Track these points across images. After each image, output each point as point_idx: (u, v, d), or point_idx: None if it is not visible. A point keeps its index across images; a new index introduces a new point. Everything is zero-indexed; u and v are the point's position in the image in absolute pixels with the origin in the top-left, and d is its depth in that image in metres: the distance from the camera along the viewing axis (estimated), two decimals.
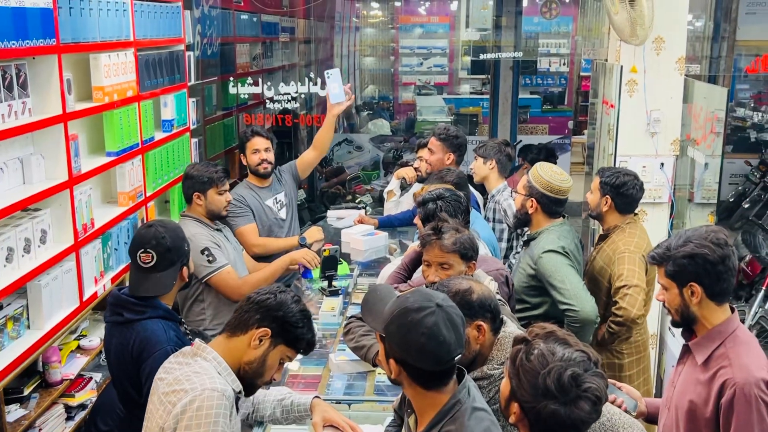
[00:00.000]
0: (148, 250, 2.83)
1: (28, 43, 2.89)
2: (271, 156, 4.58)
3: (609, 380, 2.32)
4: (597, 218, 3.91)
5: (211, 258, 3.78)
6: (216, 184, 3.92)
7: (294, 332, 2.34)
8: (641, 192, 3.80)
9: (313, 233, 4.64)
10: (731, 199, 8.63)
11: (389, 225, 5.13)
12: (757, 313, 5.74)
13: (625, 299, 3.55)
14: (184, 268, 2.95)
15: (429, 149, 4.68)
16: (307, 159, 4.97)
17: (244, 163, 4.60)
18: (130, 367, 2.81)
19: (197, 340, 2.38)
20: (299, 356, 2.56)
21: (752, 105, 10.78)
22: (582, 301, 3.37)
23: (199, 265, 3.71)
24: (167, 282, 2.87)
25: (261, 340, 2.31)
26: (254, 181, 4.60)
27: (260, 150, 4.52)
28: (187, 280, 3.01)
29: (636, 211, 3.88)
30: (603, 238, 3.86)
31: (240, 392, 2.32)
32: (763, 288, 5.83)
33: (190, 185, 3.94)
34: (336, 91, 4.76)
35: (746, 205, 8.61)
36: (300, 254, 4.20)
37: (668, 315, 2.53)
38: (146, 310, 2.83)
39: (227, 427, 2.20)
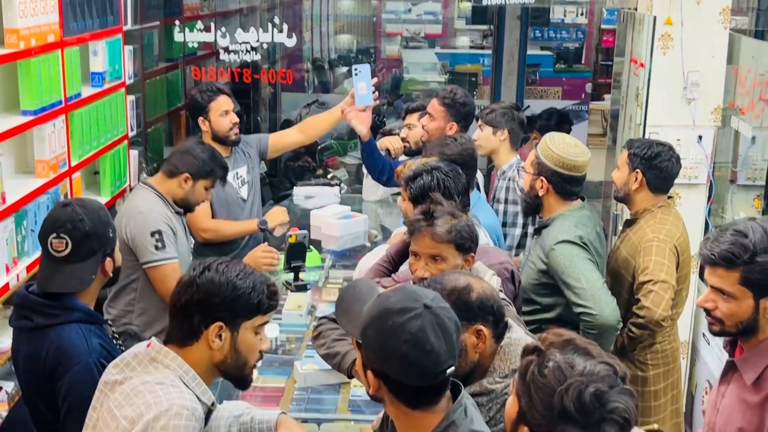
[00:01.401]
0: (62, 235, 2.73)
1: None
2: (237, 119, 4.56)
3: None
4: (624, 200, 3.92)
5: (160, 244, 3.74)
6: (214, 178, 3.95)
7: (246, 305, 2.31)
8: (678, 166, 3.83)
9: (276, 215, 4.61)
10: None
11: (372, 155, 4.79)
12: None
13: (649, 297, 3.59)
14: (108, 259, 2.85)
15: (429, 114, 4.59)
16: (288, 141, 4.97)
17: (204, 128, 4.53)
18: (42, 382, 2.74)
19: (153, 340, 2.33)
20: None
21: None
22: (600, 304, 3.39)
23: (144, 247, 3.67)
24: (84, 276, 2.80)
25: (221, 336, 2.28)
26: (208, 141, 4.51)
27: (230, 111, 4.49)
28: (110, 275, 2.91)
29: (670, 194, 3.89)
30: (629, 224, 3.88)
31: (213, 404, 2.30)
32: None
33: (188, 164, 3.88)
34: (364, 92, 4.73)
35: None
36: (257, 260, 4.13)
37: (714, 326, 2.50)
38: (60, 313, 2.76)
39: None
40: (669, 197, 3.89)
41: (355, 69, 4.80)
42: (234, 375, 2.37)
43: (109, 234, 2.84)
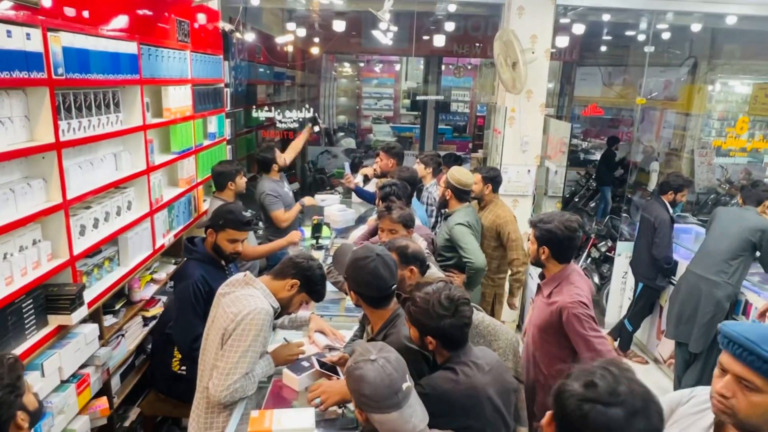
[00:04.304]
0: None
1: (120, 77, 2.78)
2: None
3: None
4: (479, 198, 3.92)
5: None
6: (240, 172, 3.85)
7: (314, 287, 2.26)
8: (501, 178, 3.93)
9: (310, 200, 4.61)
10: (568, 195, 8.87)
11: (361, 194, 4.90)
12: (582, 266, 5.92)
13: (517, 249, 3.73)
14: (210, 230, 2.75)
15: (380, 158, 4.67)
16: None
17: (275, 168, 4.37)
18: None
19: (247, 273, 2.29)
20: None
21: (582, 137, 11.07)
22: (476, 257, 3.39)
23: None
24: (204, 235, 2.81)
25: (292, 287, 2.23)
26: (273, 176, 4.41)
27: (277, 165, 4.38)
28: (210, 239, 2.75)
29: (503, 194, 3.99)
30: (482, 209, 3.91)
31: (278, 308, 2.24)
32: (586, 251, 6.02)
33: (224, 177, 3.79)
34: (350, 173, 4.88)
35: (576, 199, 8.85)
36: (291, 240, 3.85)
37: (530, 258, 2.54)
38: (192, 253, 2.73)
39: (268, 333, 2.17)
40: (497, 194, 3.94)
41: (345, 164, 5.09)
42: (281, 306, 2.24)
43: (218, 221, 2.74)
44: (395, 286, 2.02)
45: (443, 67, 10.55)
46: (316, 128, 4.95)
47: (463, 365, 1.78)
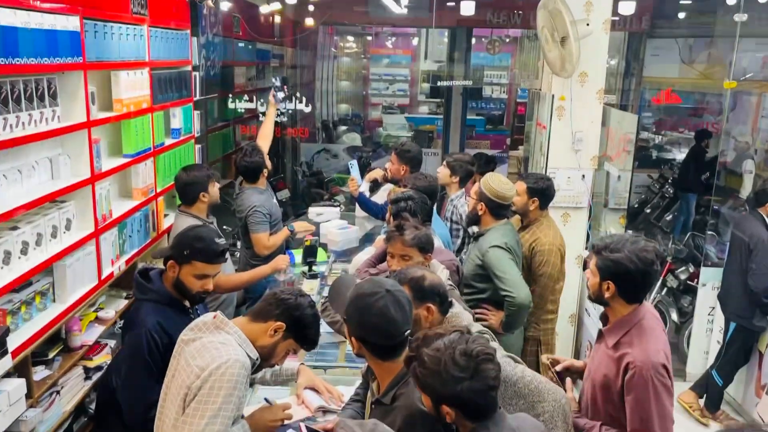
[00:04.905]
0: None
1: (58, 60, 2.81)
2: None
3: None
4: (522, 214, 3.91)
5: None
6: (212, 179, 3.87)
7: (303, 331, 2.25)
8: (554, 192, 3.93)
9: (304, 225, 4.62)
10: (636, 206, 8.79)
11: (365, 205, 4.90)
12: (655, 298, 5.85)
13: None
14: (171, 262, 2.71)
15: (391, 161, 4.67)
16: None
17: (263, 176, 4.45)
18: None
19: (218, 313, 2.27)
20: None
21: (654, 130, 11.01)
22: (519, 290, 3.35)
23: None
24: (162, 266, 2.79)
25: (276, 332, 2.21)
26: (260, 185, 4.45)
27: (266, 171, 4.46)
28: (171, 274, 2.71)
29: (550, 206, 3.97)
30: (522, 229, 3.90)
31: (257, 359, 2.21)
32: (661, 278, 5.93)
33: (194, 187, 3.79)
34: (357, 175, 4.86)
35: (648, 211, 8.78)
36: (277, 266, 3.90)
37: (589, 290, 2.51)
38: (147, 293, 2.69)
39: (242, 392, 2.14)
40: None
41: (350, 164, 5.04)
42: (261, 357, 2.22)
43: (183, 251, 2.69)
44: (409, 331, 2.00)
45: (473, 41, 10.58)
46: (281, 94, 5.11)
47: None
